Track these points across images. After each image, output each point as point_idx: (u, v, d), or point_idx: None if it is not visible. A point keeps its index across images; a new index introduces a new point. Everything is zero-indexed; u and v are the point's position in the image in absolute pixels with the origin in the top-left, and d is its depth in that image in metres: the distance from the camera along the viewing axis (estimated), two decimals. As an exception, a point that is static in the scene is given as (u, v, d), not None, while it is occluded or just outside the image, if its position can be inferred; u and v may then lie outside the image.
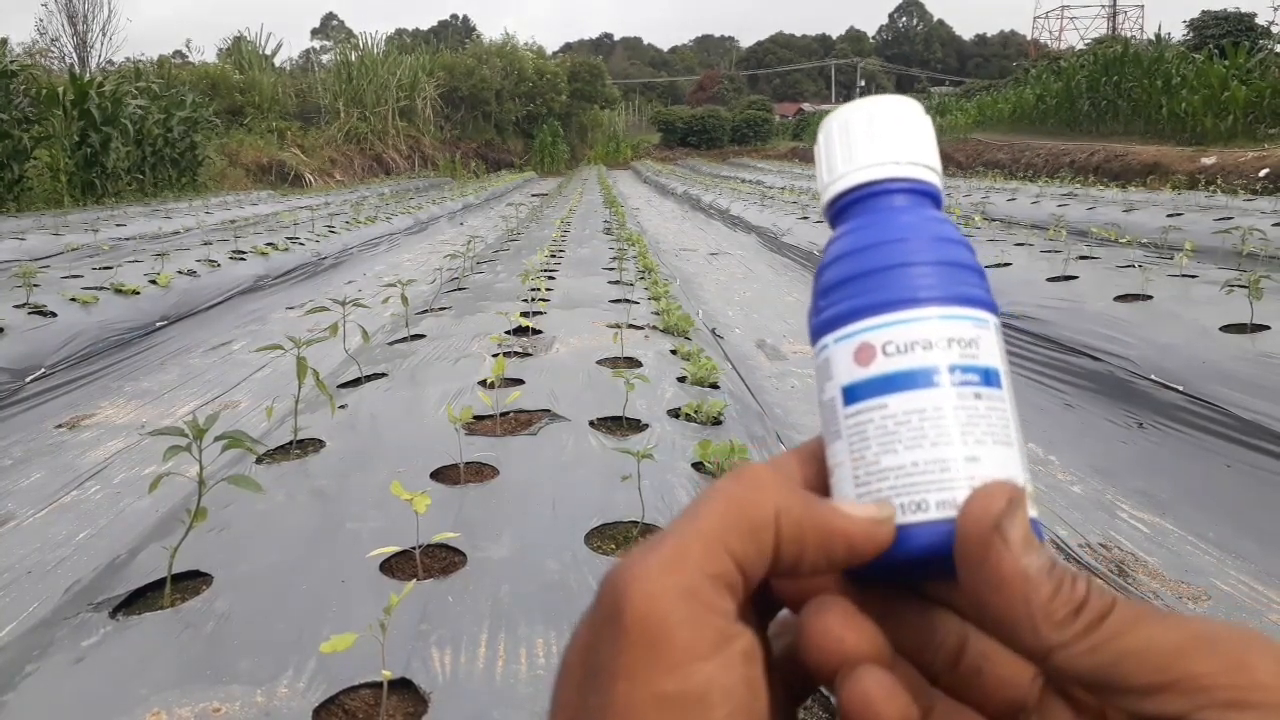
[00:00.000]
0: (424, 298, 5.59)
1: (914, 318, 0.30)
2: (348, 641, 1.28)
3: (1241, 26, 27.30)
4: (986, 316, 0.31)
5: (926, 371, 0.30)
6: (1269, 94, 16.76)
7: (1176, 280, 4.55)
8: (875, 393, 0.30)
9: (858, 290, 0.31)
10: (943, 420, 0.29)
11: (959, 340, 0.30)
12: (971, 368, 0.30)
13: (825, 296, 0.32)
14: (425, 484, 2.23)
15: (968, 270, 0.32)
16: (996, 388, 0.31)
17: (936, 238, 0.32)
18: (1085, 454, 3.20)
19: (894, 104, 0.33)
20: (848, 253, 0.32)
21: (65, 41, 26.44)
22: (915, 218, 0.32)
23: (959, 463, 0.29)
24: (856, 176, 0.33)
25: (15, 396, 4.01)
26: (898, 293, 0.30)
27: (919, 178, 0.33)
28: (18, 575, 2.40)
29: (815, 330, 0.33)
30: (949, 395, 0.30)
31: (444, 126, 34.28)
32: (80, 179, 15.24)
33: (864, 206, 0.33)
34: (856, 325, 0.31)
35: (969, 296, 0.31)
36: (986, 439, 0.29)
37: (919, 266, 0.31)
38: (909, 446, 0.29)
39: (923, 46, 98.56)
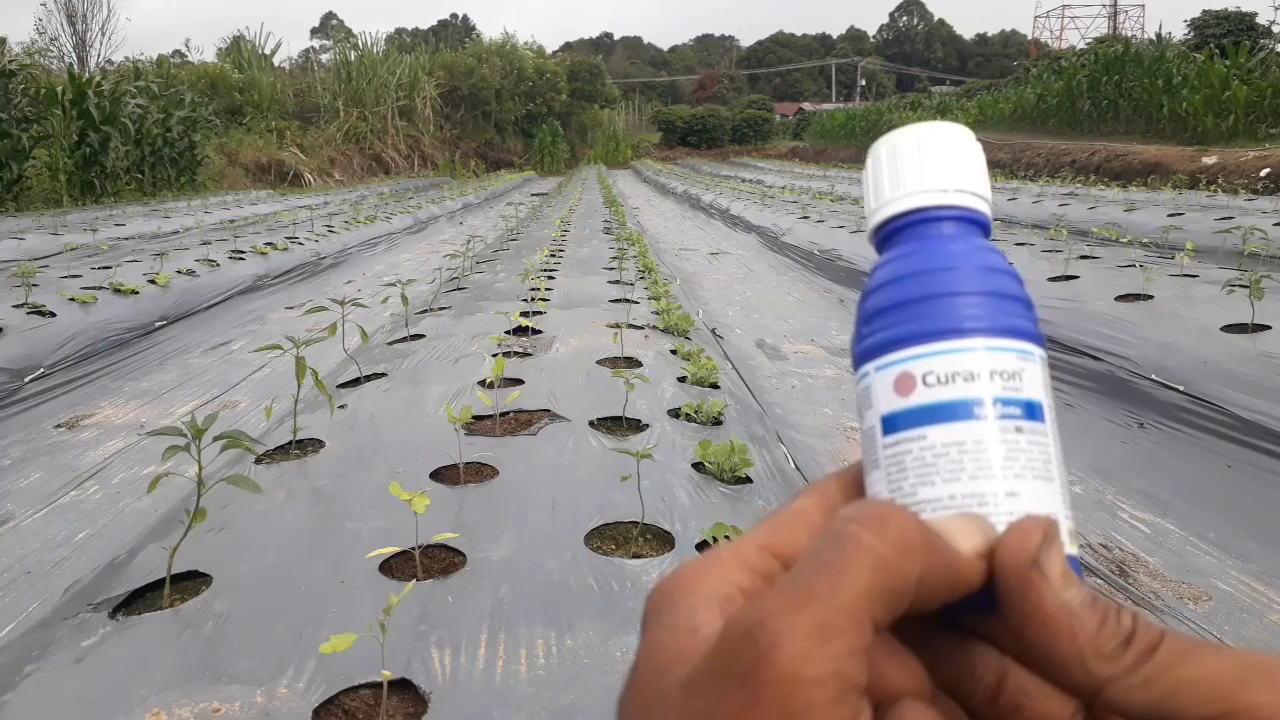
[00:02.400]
0: (423, 297, 5.59)
1: (956, 348, 0.30)
2: (347, 642, 1.27)
3: (1242, 26, 27.31)
4: (1032, 349, 0.31)
5: (967, 404, 0.29)
6: (1270, 93, 16.75)
7: (1177, 280, 4.55)
8: (914, 423, 0.30)
9: (900, 318, 0.31)
10: (982, 454, 0.29)
11: (1002, 373, 0.30)
12: (1014, 401, 0.30)
13: (868, 324, 0.32)
14: (425, 484, 2.23)
15: (1014, 301, 0.31)
16: (1039, 421, 0.30)
17: (983, 267, 0.31)
18: (1086, 454, 3.19)
19: (944, 130, 0.33)
20: (892, 280, 0.32)
21: (64, 41, 26.47)
22: (963, 246, 0.32)
23: (998, 497, 0.29)
24: (904, 203, 0.33)
25: (14, 396, 4.01)
26: (941, 322, 0.30)
27: (968, 205, 0.33)
28: (17, 576, 2.39)
29: (858, 357, 0.32)
30: (990, 428, 0.29)
31: (443, 126, 34.28)
32: (79, 178, 15.24)
33: (910, 233, 0.33)
34: (898, 354, 0.31)
35: (1014, 328, 0.30)
36: (1026, 474, 0.29)
37: (964, 296, 0.30)
38: (947, 480, 0.29)
39: (923, 46, 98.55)
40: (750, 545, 0.29)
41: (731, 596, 0.28)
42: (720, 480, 2.33)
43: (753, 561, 0.29)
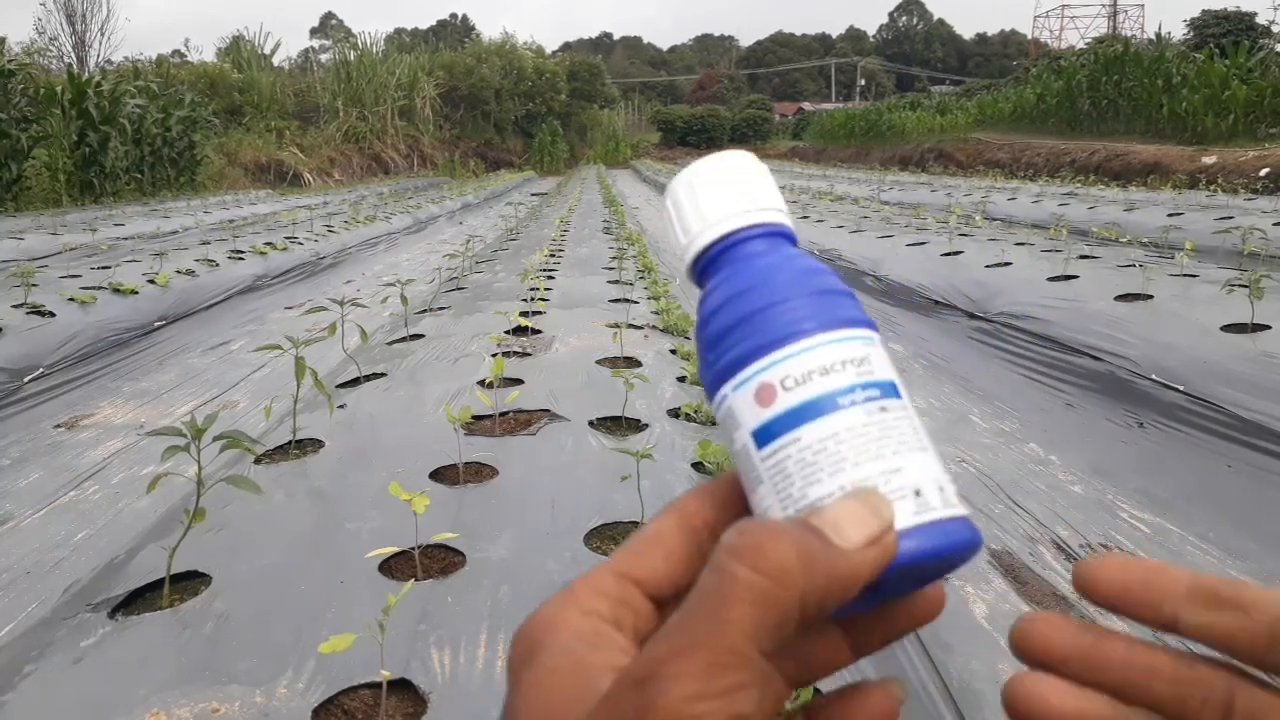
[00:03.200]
0: (423, 297, 5.58)
1: (805, 348, 0.31)
2: (347, 642, 1.27)
3: (1242, 25, 27.32)
4: (871, 334, 0.32)
5: (831, 396, 0.30)
6: (1269, 93, 16.76)
7: (1177, 280, 4.55)
8: (785, 428, 0.30)
9: (742, 335, 0.32)
10: (858, 439, 0.30)
11: (852, 360, 0.31)
12: (870, 384, 0.31)
13: (713, 349, 0.33)
14: (424, 484, 2.23)
15: (840, 295, 0.33)
16: (898, 398, 0.31)
17: (804, 270, 0.33)
18: (1086, 454, 3.19)
19: (729, 159, 0.35)
20: (724, 303, 0.33)
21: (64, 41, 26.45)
22: (778, 257, 0.33)
23: (885, 476, 0.29)
24: (713, 232, 0.34)
25: (13, 396, 4.01)
26: (784, 328, 0.31)
27: (770, 220, 0.34)
28: (16, 576, 2.39)
29: (710, 384, 0.33)
30: (857, 414, 0.30)
31: (443, 126, 34.27)
32: (78, 178, 15.23)
33: (726, 258, 0.34)
34: (751, 368, 0.31)
35: (850, 318, 0.32)
36: (903, 448, 0.30)
37: (795, 300, 0.32)
38: (832, 473, 0.30)
39: (923, 45, 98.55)
40: (606, 574, 0.29)
41: (598, 629, 0.28)
42: (720, 480, 2.32)
43: (610, 590, 0.29)
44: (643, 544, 0.30)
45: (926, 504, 0.29)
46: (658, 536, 0.30)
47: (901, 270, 6.49)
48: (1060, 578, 2.27)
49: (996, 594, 2.19)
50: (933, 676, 1.80)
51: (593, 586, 0.29)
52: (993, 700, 1.77)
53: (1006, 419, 3.62)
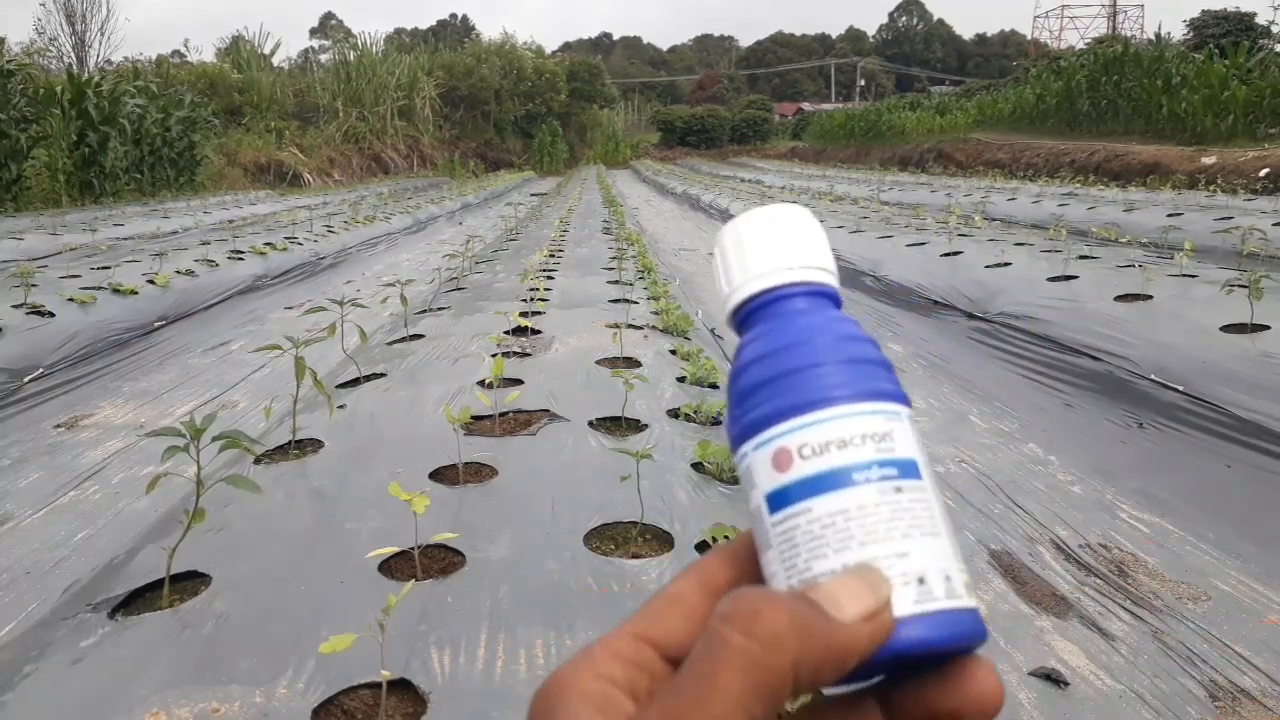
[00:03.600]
0: (423, 298, 5.59)
1: (826, 418, 0.30)
2: (346, 642, 1.27)
3: (1241, 26, 27.32)
4: (898, 409, 0.31)
5: (846, 470, 0.30)
6: (1269, 94, 16.76)
7: (1177, 280, 4.55)
8: (797, 498, 0.30)
9: (768, 395, 0.31)
10: (867, 518, 0.29)
11: (874, 435, 0.30)
12: (889, 462, 0.30)
13: (740, 404, 0.32)
14: (424, 484, 2.23)
15: (874, 365, 0.32)
16: (916, 479, 0.30)
17: (841, 336, 0.32)
18: (1085, 454, 3.19)
19: (786, 212, 0.35)
20: (757, 359, 0.32)
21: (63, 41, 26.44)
22: (818, 319, 0.33)
23: (890, 559, 0.29)
24: (757, 284, 0.34)
25: (13, 397, 4.01)
26: (808, 394, 0.31)
27: (816, 280, 0.34)
28: (16, 576, 2.39)
29: (734, 439, 0.33)
30: (870, 492, 0.30)
31: (443, 126, 34.27)
32: (78, 179, 15.23)
33: (767, 313, 0.34)
34: (772, 431, 0.31)
35: (878, 391, 0.31)
36: (914, 532, 0.29)
37: (826, 367, 0.31)
38: (838, 550, 0.29)
39: (922, 46, 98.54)
40: (624, 636, 0.29)
41: (607, 694, 0.28)
42: (720, 480, 2.33)
43: (626, 653, 0.29)
44: (662, 605, 0.30)
45: (929, 593, 0.29)
46: (678, 597, 0.30)
47: (901, 270, 6.49)
48: (1059, 578, 2.28)
49: (996, 594, 2.19)
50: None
51: (610, 650, 0.29)
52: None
53: (1006, 419, 3.62)
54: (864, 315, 5.89)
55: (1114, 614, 2.10)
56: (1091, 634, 2.01)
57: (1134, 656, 1.92)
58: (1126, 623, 2.06)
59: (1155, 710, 1.73)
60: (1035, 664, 1.88)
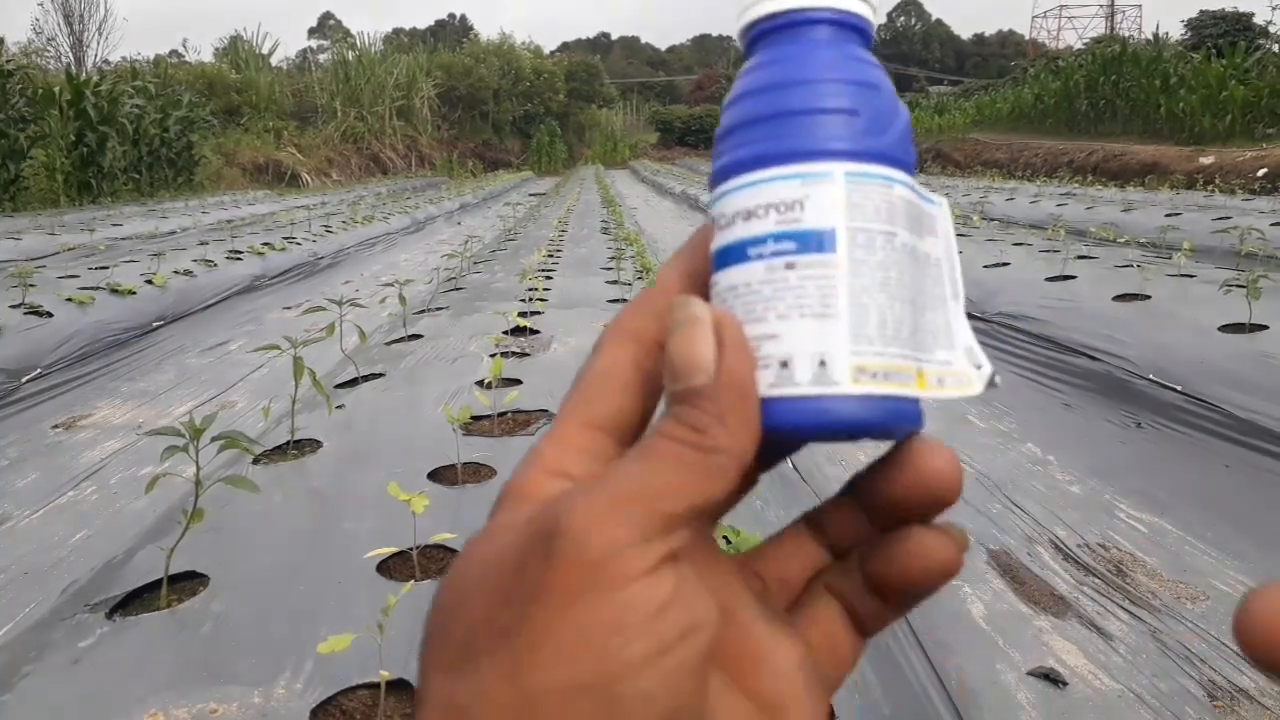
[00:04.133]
0: (421, 298, 5.58)
1: (739, 185, 0.28)
2: (345, 642, 1.27)
3: (1239, 26, 27.36)
4: (828, 168, 0.27)
5: (741, 245, 0.28)
6: (1267, 94, 16.79)
7: (1175, 280, 4.55)
8: (715, 267, 0.29)
9: (716, 153, 0.30)
10: (750, 296, 0.28)
11: (778, 205, 0.27)
12: (787, 235, 0.27)
13: (714, 148, 0.31)
14: (423, 484, 2.23)
15: (816, 115, 0.28)
16: (823, 252, 0.27)
17: (787, 84, 0.28)
18: (1084, 454, 3.20)
19: None
20: (725, 105, 0.30)
21: (61, 41, 26.42)
22: (780, 63, 0.29)
23: (755, 341, 0.27)
24: (758, 9, 0.30)
25: (11, 397, 4.00)
26: (732, 158, 0.29)
27: (825, 5, 0.29)
28: (14, 576, 2.39)
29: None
30: (757, 270, 0.28)
31: (441, 126, 34.28)
32: (76, 179, 15.22)
33: (761, 43, 0.30)
34: (713, 194, 0.30)
35: (800, 150, 0.27)
36: (791, 313, 0.27)
37: (751, 126, 0.28)
38: None
39: (921, 46, 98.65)
40: (569, 427, 0.28)
41: (561, 488, 0.26)
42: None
43: (577, 443, 0.27)
44: (596, 382, 0.28)
45: (789, 377, 0.27)
46: (611, 370, 0.28)
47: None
48: (1058, 578, 2.28)
49: (994, 594, 2.19)
50: (931, 677, 1.80)
51: (559, 444, 0.27)
52: (992, 700, 1.77)
53: (1004, 419, 3.63)
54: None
55: (1112, 614, 2.10)
56: (1090, 634, 2.01)
57: (1132, 656, 1.92)
58: (1125, 622, 2.06)
59: (1154, 710, 1.73)
60: (1034, 664, 1.88)
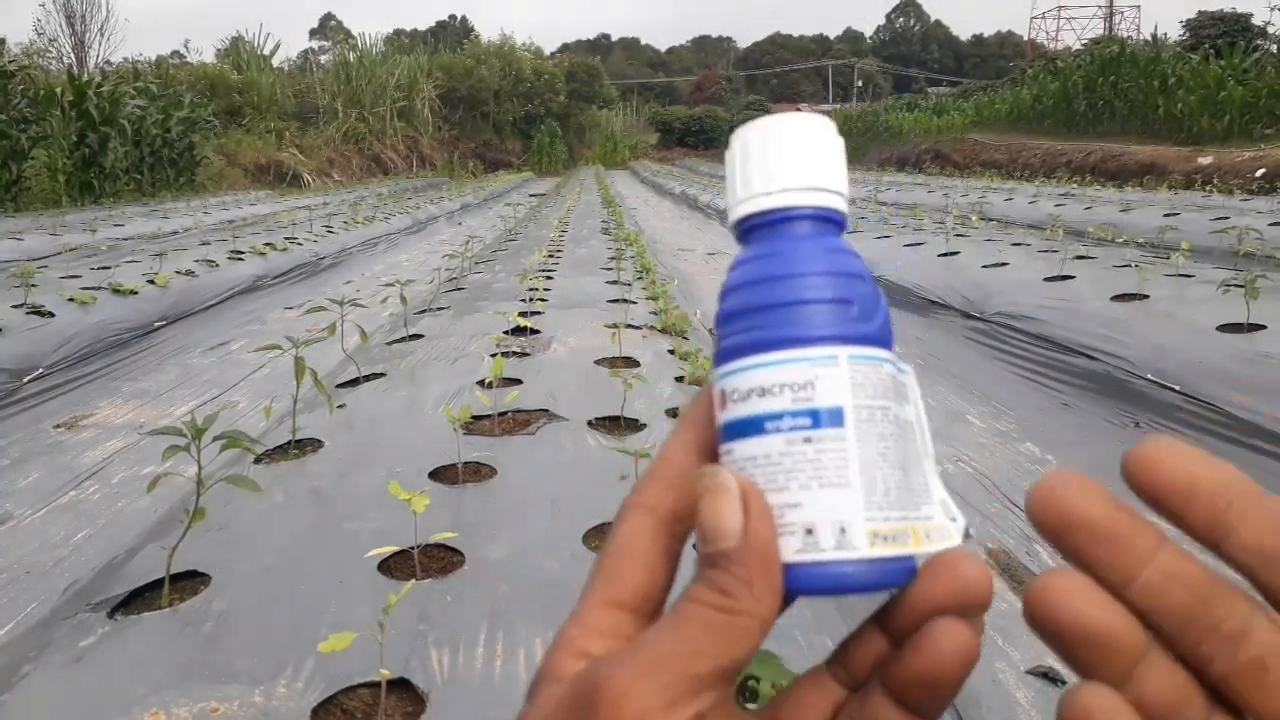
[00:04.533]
0: (422, 298, 5.59)
1: (752, 365, 0.31)
2: (346, 641, 1.28)
3: (1238, 27, 27.35)
4: (834, 352, 0.31)
5: (759, 419, 0.30)
6: (1265, 94, 16.79)
7: (1173, 280, 4.56)
8: (726, 438, 0.31)
9: (723, 333, 0.32)
10: (770, 467, 0.30)
11: (792, 384, 0.30)
12: (802, 412, 0.30)
13: (717, 329, 0.33)
14: (423, 484, 2.23)
15: (818, 306, 0.31)
16: (835, 427, 0.30)
17: (792, 275, 0.31)
18: (1083, 454, 3.20)
19: (795, 124, 0.33)
20: (731, 288, 0.33)
21: (63, 42, 26.45)
22: (797, 251, 0.32)
23: (784, 509, 0.30)
24: (752, 205, 0.33)
25: (13, 397, 4.01)
26: (741, 340, 0.31)
27: (812, 203, 0.32)
28: (16, 575, 2.40)
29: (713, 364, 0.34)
30: (777, 442, 0.30)
31: (442, 127, 34.29)
32: (78, 179, 15.23)
33: (755, 235, 0.33)
34: (719, 370, 0.32)
35: (806, 337, 0.31)
36: (813, 483, 0.30)
37: (762, 313, 0.31)
38: None
39: (920, 47, 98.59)
40: (592, 608, 0.29)
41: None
42: (718, 480, 2.33)
43: (599, 625, 0.29)
44: (616, 560, 0.30)
45: (815, 543, 0.29)
46: (628, 548, 0.30)
47: (898, 270, 6.50)
48: (1056, 577, 2.28)
49: (994, 593, 2.20)
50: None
51: (582, 625, 0.29)
52: (991, 700, 1.78)
53: (1003, 419, 3.63)
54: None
55: (1110, 613, 2.10)
56: (1088, 632, 2.01)
57: (1130, 655, 1.92)
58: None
59: (1151, 708, 1.74)
60: (1032, 663, 1.88)
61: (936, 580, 0.29)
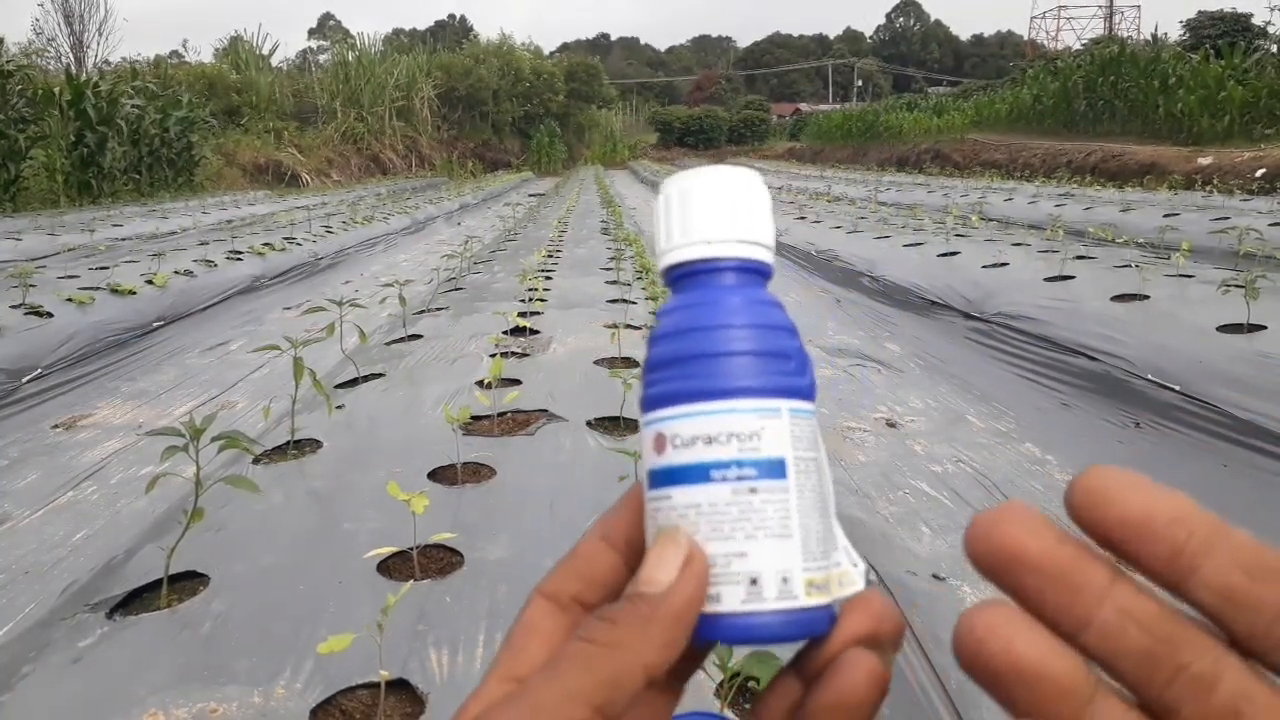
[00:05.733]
0: (421, 298, 5.59)
1: (698, 411, 0.31)
2: (345, 642, 1.28)
3: (1238, 27, 27.37)
4: (777, 404, 0.31)
5: (704, 467, 0.31)
6: (1265, 94, 16.79)
7: (1173, 280, 4.56)
8: (664, 483, 0.31)
9: (662, 377, 0.32)
10: (715, 516, 0.30)
11: (739, 434, 0.31)
12: (749, 462, 0.30)
13: (646, 375, 0.33)
14: (423, 484, 2.23)
15: (766, 358, 0.31)
16: (778, 479, 0.31)
17: (743, 324, 0.32)
18: (1083, 454, 3.20)
19: (725, 176, 0.33)
20: (663, 335, 0.33)
21: (61, 41, 26.43)
22: (730, 301, 0.32)
23: (728, 558, 0.30)
24: (680, 253, 0.33)
25: (12, 397, 4.01)
26: (689, 385, 0.31)
27: (743, 255, 0.33)
28: (15, 576, 2.39)
29: (640, 405, 0.34)
30: (723, 491, 0.30)
31: (441, 127, 34.28)
32: (76, 179, 15.22)
33: (688, 283, 0.33)
34: (657, 414, 0.32)
35: (756, 387, 0.31)
36: (758, 533, 0.30)
37: (713, 359, 0.31)
38: None
39: (920, 46, 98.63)
40: (490, 683, 0.30)
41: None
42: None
43: (494, 696, 0.29)
44: (519, 638, 0.30)
45: (758, 594, 0.29)
46: (532, 626, 0.31)
47: (898, 270, 6.50)
48: (1056, 577, 2.28)
49: (993, 593, 2.19)
50: (930, 677, 1.80)
51: (481, 699, 0.29)
52: (991, 700, 1.77)
53: (1003, 419, 3.63)
54: (861, 315, 5.90)
55: (1111, 613, 2.10)
56: (1088, 633, 2.01)
57: (1130, 655, 1.92)
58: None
59: (1152, 709, 1.74)
60: (1032, 663, 1.88)
61: (852, 616, 0.30)
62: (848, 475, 3.03)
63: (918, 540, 2.52)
